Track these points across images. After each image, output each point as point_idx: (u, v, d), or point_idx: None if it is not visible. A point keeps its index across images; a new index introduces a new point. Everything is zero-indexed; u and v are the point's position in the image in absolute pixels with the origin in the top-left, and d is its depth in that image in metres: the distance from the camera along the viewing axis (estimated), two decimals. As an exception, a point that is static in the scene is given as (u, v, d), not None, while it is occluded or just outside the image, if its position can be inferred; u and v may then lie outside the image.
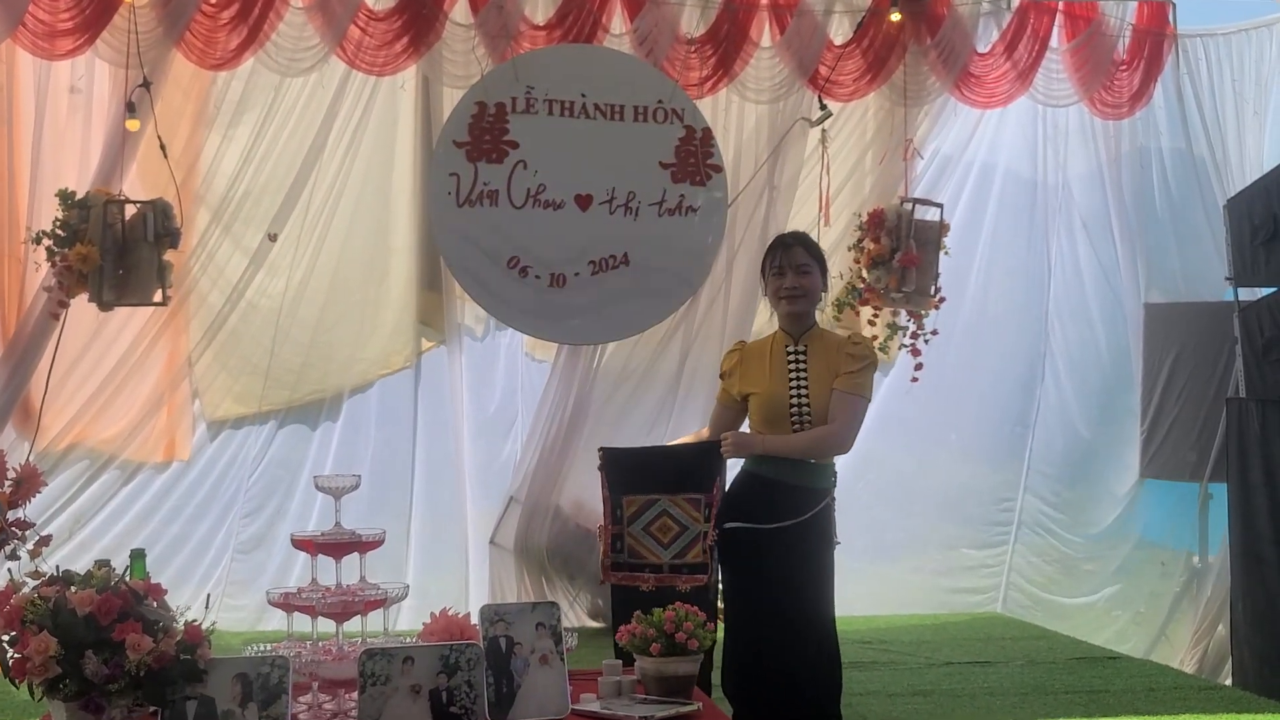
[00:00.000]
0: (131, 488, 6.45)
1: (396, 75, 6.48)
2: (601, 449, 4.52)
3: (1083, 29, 7.16)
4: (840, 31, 6.93)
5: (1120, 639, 7.08)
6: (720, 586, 4.37)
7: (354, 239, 6.64)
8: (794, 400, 4.18)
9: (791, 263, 4.26)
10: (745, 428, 4.41)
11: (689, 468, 4.38)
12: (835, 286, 6.35)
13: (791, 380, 4.21)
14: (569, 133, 6.37)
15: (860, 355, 4.22)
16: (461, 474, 6.86)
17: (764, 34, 6.80)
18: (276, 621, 6.03)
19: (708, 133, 6.52)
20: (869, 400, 4.28)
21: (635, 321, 6.54)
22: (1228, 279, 6.78)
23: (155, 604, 2.96)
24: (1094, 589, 7.47)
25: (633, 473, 4.43)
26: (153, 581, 3.02)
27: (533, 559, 6.57)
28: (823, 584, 4.23)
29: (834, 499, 4.26)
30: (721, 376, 4.45)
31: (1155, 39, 7.29)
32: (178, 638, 2.89)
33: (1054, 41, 7.16)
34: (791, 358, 4.24)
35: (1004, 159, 7.54)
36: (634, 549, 4.40)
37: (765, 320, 6.42)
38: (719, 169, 6.49)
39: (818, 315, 4.41)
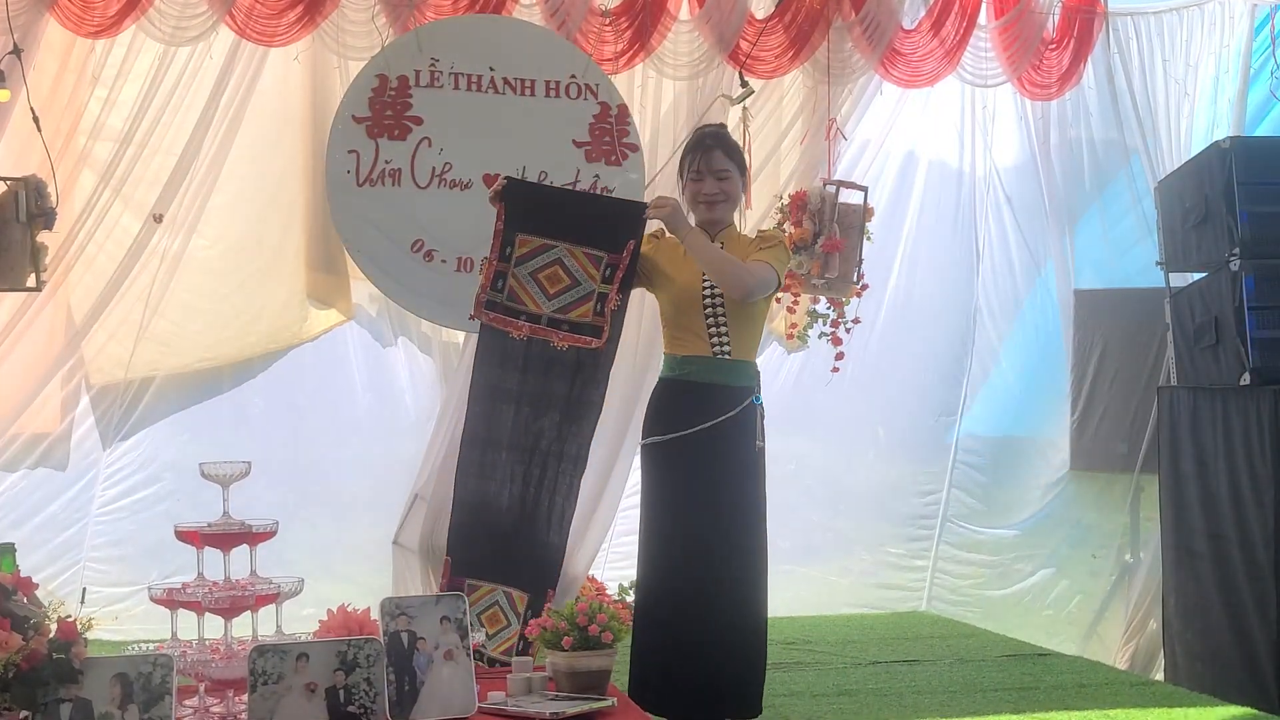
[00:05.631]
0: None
1: (290, 46, 6.37)
2: (506, 177, 4.42)
3: (1012, 6, 7.25)
4: (761, 5, 6.96)
5: (1050, 635, 7.20)
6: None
7: (240, 215, 6.50)
8: (705, 288, 4.33)
9: (711, 167, 4.43)
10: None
11: (601, 221, 4.37)
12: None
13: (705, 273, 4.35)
14: (476, 108, 6.32)
15: (769, 238, 4.57)
16: (363, 466, 6.76)
17: (682, 7, 6.79)
18: (156, 621, 5.86)
19: (623, 109, 6.51)
20: (777, 274, 4.49)
21: (548, 307, 6.51)
22: (1159, 263, 6.93)
23: (25, 599, 2.89)
24: (1023, 584, 7.58)
25: (535, 210, 4.38)
26: (23, 575, 2.95)
27: (439, 561, 6.50)
28: (752, 495, 4.28)
29: (759, 402, 4.33)
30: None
31: (1085, 17, 7.41)
32: (50, 635, 2.83)
33: (982, 19, 7.23)
34: None
35: (929, 143, 7.61)
36: (514, 291, 4.33)
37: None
38: (635, 148, 6.47)
39: (735, 218, 4.64)
